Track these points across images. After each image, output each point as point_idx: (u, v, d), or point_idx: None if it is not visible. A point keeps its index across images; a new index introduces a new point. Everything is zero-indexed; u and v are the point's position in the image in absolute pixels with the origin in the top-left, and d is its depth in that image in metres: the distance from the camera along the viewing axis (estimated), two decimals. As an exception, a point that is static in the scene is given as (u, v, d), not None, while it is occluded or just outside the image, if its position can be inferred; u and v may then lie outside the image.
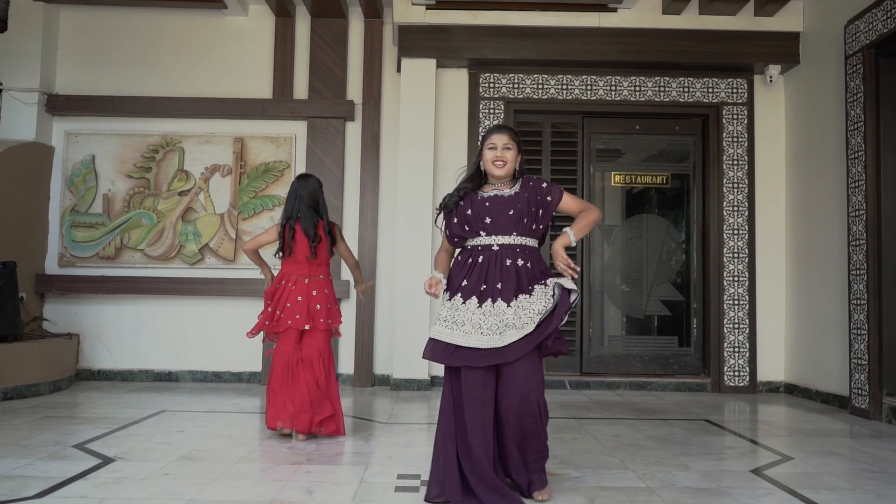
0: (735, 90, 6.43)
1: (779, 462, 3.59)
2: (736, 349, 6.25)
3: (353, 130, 6.49)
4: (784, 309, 6.35)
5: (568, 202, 3.03)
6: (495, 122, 2.79)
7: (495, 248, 2.90)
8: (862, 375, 5.05)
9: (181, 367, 6.31)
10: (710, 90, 6.43)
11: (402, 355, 6.02)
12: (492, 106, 6.39)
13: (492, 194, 2.99)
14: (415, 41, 6.20)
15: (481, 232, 2.93)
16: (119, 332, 6.33)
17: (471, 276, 2.90)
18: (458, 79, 6.43)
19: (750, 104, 6.43)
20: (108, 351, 6.31)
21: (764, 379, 6.30)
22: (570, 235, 2.88)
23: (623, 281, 6.51)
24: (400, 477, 3.17)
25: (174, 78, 6.52)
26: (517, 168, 3.06)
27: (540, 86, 6.41)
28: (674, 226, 6.61)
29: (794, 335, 6.21)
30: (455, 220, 3.00)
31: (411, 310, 6.02)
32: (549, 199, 2.98)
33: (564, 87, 6.41)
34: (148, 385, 6.07)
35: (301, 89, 6.54)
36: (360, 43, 6.56)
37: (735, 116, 6.41)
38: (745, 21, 6.25)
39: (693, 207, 6.56)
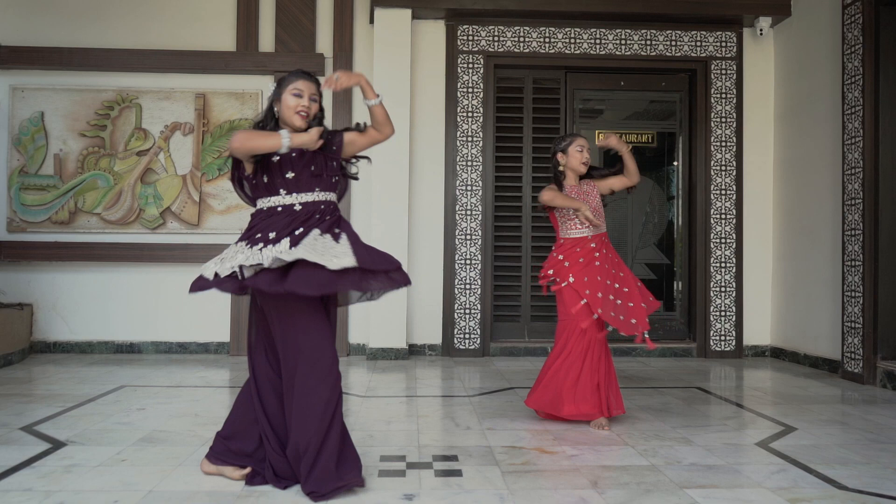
0: (724, 44, 6.16)
1: (783, 433, 3.39)
2: (722, 313, 6.07)
3: (324, 86, 6.09)
4: (770, 271, 6.18)
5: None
6: (299, 70, 2.57)
7: (297, 207, 2.52)
8: (855, 339, 4.89)
9: (144, 338, 5.95)
10: (698, 44, 6.15)
11: (379, 323, 5.74)
12: (471, 60, 6.04)
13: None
14: (388, -11, 5.81)
15: (281, 190, 2.54)
16: (76, 302, 5.94)
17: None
18: (434, 31, 6.06)
19: (739, 59, 6.17)
20: (65, 321, 5.93)
21: (750, 343, 6.15)
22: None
23: (607, 244, 6.26)
24: (383, 459, 2.90)
25: (130, 29, 6.04)
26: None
27: (521, 39, 6.07)
28: (659, 186, 6.37)
29: (781, 298, 6.05)
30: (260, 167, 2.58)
31: (387, 275, 5.71)
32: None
33: (547, 40, 6.07)
34: (108, 357, 5.71)
35: (267, 42, 6.12)
36: (330, -9, 6.14)
37: (724, 71, 6.15)
38: (735, -30, 5.96)
39: (679, 167, 6.32)
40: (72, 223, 5.90)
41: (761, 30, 6.05)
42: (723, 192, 6.12)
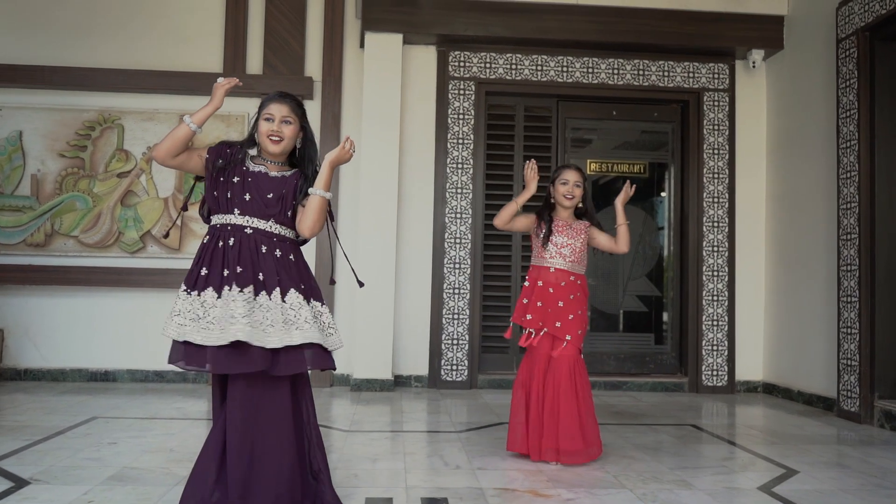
0: (716, 75, 6.13)
1: (785, 477, 3.26)
2: (714, 347, 5.96)
3: (312, 110, 5.95)
4: (763, 305, 6.09)
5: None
6: (277, 91, 2.51)
7: (248, 231, 2.46)
8: (852, 377, 4.78)
9: (119, 366, 5.75)
10: (691, 75, 6.11)
11: (363, 353, 5.57)
12: (462, 86, 5.96)
13: (257, 169, 2.54)
14: (380, 14, 5.73)
15: (235, 209, 2.48)
16: (49, 328, 5.74)
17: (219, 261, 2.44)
18: (425, 57, 5.99)
19: (731, 90, 6.13)
20: (37, 348, 5.71)
21: (742, 378, 6.04)
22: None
23: (598, 276, 6.16)
24: (369, 502, 2.73)
25: (113, 48, 5.91)
26: (297, 146, 2.61)
27: (513, 66, 6.00)
28: (651, 217, 6.29)
29: (773, 333, 5.95)
30: (221, 182, 2.52)
31: (373, 304, 5.57)
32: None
33: (539, 68, 6.01)
34: (81, 386, 5.49)
35: (255, 64, 6.01)
36: (321, 15, 6.04)
37: (716, 103, 6.11)
38: (727, 2, 5.95)
39: (671, 198, 6.25)
40: (48, 246, 5.71)
41: (754, 62, 6.02)
42: (715, 224, 6.04)
